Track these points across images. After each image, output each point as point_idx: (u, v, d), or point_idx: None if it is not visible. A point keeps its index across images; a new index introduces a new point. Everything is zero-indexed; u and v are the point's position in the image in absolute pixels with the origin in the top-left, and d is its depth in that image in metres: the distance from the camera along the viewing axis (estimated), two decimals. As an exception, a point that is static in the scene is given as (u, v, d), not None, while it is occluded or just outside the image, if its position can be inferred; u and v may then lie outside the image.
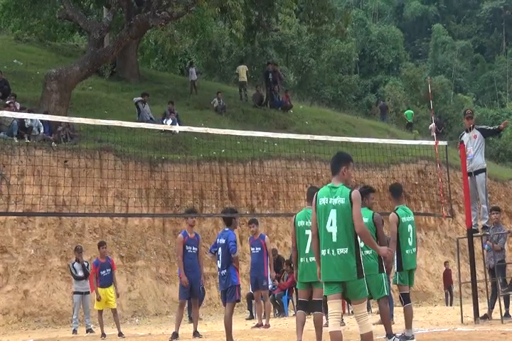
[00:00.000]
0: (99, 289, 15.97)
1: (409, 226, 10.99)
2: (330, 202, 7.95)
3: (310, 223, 9.69)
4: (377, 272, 10.46)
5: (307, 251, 10.04)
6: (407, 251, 10.89)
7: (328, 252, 7.87)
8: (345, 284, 7.95)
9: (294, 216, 10.49)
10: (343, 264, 7.81)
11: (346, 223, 7.86)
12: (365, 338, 8.09)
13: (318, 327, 10.16)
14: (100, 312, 16.11)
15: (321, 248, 7.96)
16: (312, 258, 9.76)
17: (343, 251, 7.80)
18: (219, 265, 11.68)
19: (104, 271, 16.05)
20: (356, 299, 8.05)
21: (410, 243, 10.96)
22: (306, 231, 10.02)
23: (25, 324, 19.44)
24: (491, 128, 14.88)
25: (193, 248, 13.79)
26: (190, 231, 14.02)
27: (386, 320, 10.72)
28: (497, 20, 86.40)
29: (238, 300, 11.89)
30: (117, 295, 16.48)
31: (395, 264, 11.01)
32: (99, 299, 15.94)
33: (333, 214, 7.91)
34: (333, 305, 8.13)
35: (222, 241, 11.65)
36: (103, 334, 15.67)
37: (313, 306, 10.35)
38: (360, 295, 8.00)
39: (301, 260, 10.17)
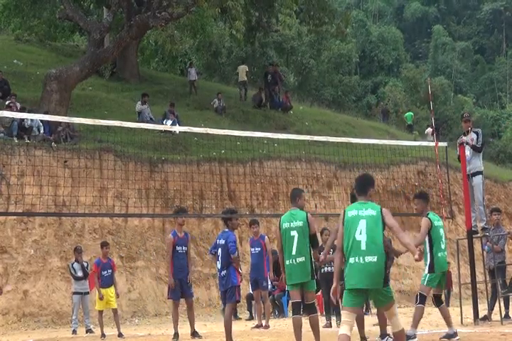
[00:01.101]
0: (101, 289, 15.98)
1: (441, 230, 11.30)
2: (360, 213, 8.15)
3: (295, 224, 10.27)
4: None
5: (294, 252, 10.19)
6: (439, 254, 11.14)
7: (357, 260, 7.96)
8: (370, 291, 8.08)
9: (280, 218, 10.59)
10: (370, 272, 7.92)
11: (375, 232, 8.06)
12: (397, 336, 8.28)
13: (316, 329, 10.27)
14: (101, 312, 16.11)
15: (350, 256, 8.04)
16: (299, 259, 10.15)
17: (371, 259, 7.93)
18: (219, 266, 11.68)
19: (105, 272, 16.05)
20: (383, 306, 8.27)
21: (442, 246, 11.22)
22: (292, 232, 10.23)
23: (25, 324, 19.43)
24: (478, 145, 14.57)
25: (183, 247, 14.00)
26: (179, 231, 14.21)
27: (383, 321, 10.73)
28: (497, 21, 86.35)
29: (238, 301, 11.91)
30: (117, 296, 16.48)
31: (427, 267, 11.27)
32: (101, 298, 15.93)
33: (362, 224, 8.08)
34: (349, 316, 8.03)
35: (222, 241, 11.66)
36: (103, 335, 15.66)
37: (309, 309, 10.46)
38: (387, 301, 8.16)
39: (288, 262, 10.26)
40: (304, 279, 10.22)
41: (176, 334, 13.60)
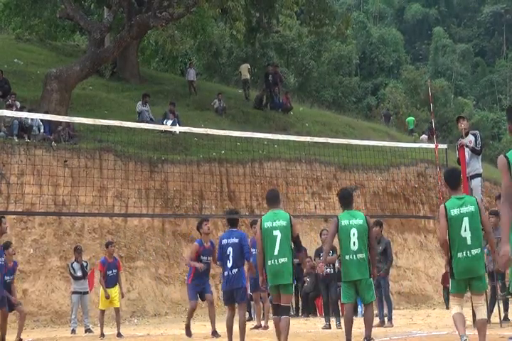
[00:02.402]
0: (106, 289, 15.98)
1: None
2: (462, 211, 9.03)
3: (278, 224, 10.08)
4: (368, 276, 10.45)
5: (276, 252, 9.96)
6: None
7: (464, 254, 8.95)
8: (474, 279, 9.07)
9: (260, 219, 10.35)
10: (476, 263, 9.02)
11: (476, 227, 9.09)
12: (480, 325, 9.22)
13: (285, 333, 9.94)
14: (103, 311, 16.10)
15: (457, 251, 8.99)
16: (282, 260, 9.90)
17: (476, 251, 8.98)
18: (229, 264, 11.43)
19: (110, 271, 16.01)
20: (480, 292, 9.36)
21: None
22: (274, 232, 10.02)
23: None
24: (477, 148, 14.47)
25: (208, 258, 13.48)
26: (206, 240, 13.63)
27: (369, 324, 10.64)
28: (498, 24, 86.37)
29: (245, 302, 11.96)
30: (122, 296, 16.47)
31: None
32: (107, 297, 15.91)
33: (466, 221, 8.99)
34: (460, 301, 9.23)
35: (235, 240, 11.48)
36: (102, 335, 15.65)
37: (282, 311, 10.12)
38: (484, 287, 9.41)
39: (269, 263, 10.00)
40: (285, 281, 9.99)
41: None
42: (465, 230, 9.01)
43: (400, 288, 27.10)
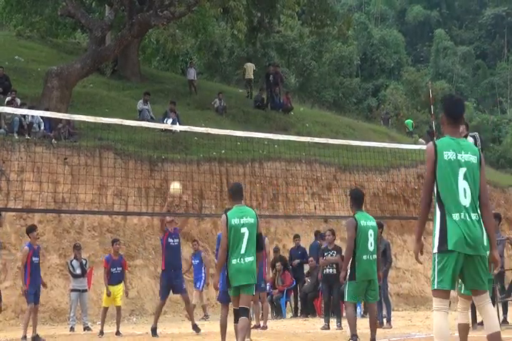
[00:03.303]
0: (109, 286, 15.99)
1: None
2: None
3: (246, 221, 9.60)
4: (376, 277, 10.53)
5: (243, 251, 9.49)
6: None
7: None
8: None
9: (225, 214, 9.77)
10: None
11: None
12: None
13: (242, 332, 9.48)
14: (105, 309, 16.10)
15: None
16: (248, 259, 9.46)
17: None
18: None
19: (114, 269, 16.06)
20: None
21: None
22: (242, 229, 9.55)
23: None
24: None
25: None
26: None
27: (375, 325, 10.66)
28: (499, 26, 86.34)
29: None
30: (126, 294, 16.48)
31: None
32: (109, 294, 15.91)
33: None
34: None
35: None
36: (101, 332, 15.61)
37: (242, 313, 9.57)
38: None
39: (234, 261, 9.47)
40: (250, 281, 9.53)
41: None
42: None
43: (399, 290, 27.07)
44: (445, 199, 6.53)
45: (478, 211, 6.58)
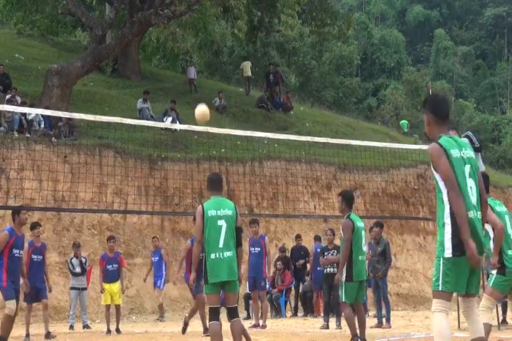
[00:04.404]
0: (104, 284, 15.98)
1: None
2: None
3: (224, 213, 8.99)
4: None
5: (221, 245, 8.84)
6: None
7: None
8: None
9: (201, 206, 9.13)
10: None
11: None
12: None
13: (238, 335, 9.07)
14: (108, 307, 16.09)
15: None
16: (227, 253, 8.82)
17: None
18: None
19: (110, 266, 16.05)
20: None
21: None
22: (219, 221, 8.92)
23: (22, 318, 19.32)
24: (476, 145, 14.34)
25: None
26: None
27: (365, 324, 10.70)
28: (499, 26, 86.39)
29: None
30: (122, 291, 16.46)
31: None
32: (101, 291, 15.91)
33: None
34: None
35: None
36: (108, 331, 15.56)
37: (232, 313, 9.09)
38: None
39: (213, 256, 8.81)
40: (232, 277, 8.87)
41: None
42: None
43: (398, 290, 27.06)
44: None
45: (481, 209, 6.47)
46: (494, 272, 9.00)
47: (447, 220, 6.30)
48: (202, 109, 11.19)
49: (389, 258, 15.91)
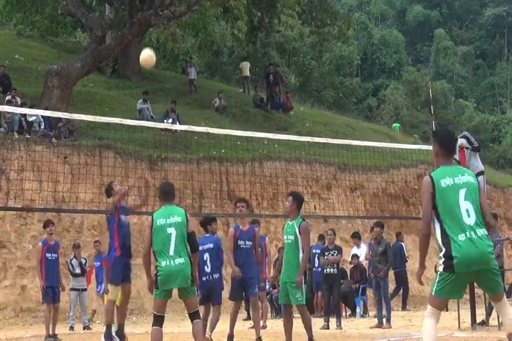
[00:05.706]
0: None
1: None
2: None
3: (173, 220, 9.06)
4: None
5: (171, 252, 8.93)
6: None
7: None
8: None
9: (152, 216, 9.28)
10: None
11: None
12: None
13: (200, 335, 9.29)
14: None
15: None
16: (178, 260, 8.88)
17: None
18: (207, 270, 12.00)
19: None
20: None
21: None
22: (168, 229, 9.00)
23: (23, 319, 19.39)
24: (475, 145, 14.41)
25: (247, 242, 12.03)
26: (242, 224, 12.25)
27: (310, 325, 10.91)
28: (499, 26, 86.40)
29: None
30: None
31: None
32: (107, 292, 15.90)
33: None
34: None
35: (210, 245, 12.02)
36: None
37: (194, 316, 9.23)
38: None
39: (163, 263, 8.89)
40: (183, 284, 8.94)
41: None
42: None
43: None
44: (448, 223, 6.64)
45: (484, 226, 6.70)
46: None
47: (439, 241, 6.72)
48: (146, 53, 12.08)
49: (390, 258, 15.91)
